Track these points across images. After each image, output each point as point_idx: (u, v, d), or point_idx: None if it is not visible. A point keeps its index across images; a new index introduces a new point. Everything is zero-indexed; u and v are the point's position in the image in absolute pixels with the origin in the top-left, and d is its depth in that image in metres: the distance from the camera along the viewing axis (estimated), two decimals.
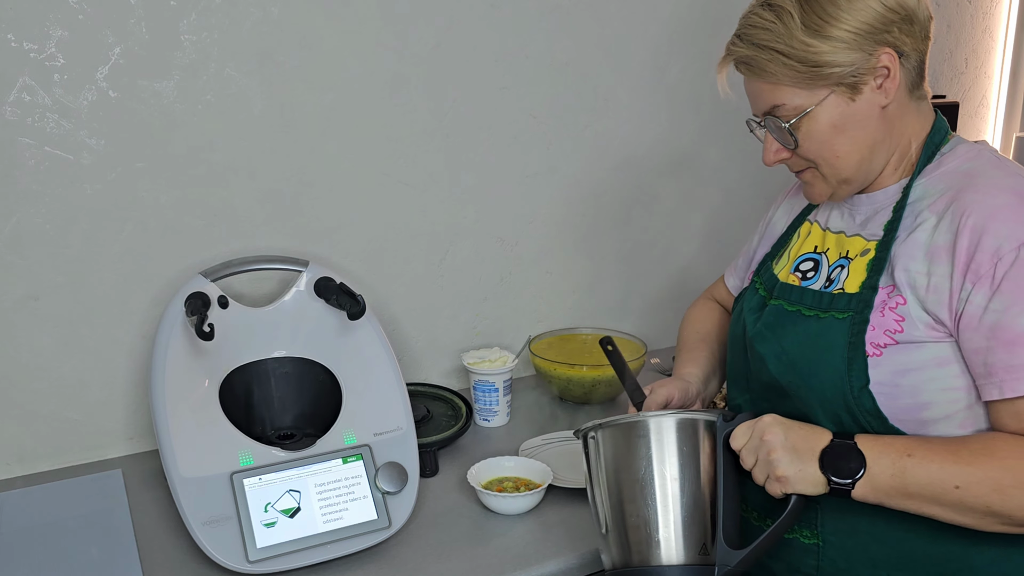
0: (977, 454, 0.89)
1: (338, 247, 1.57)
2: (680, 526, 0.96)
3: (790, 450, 0.94)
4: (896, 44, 0.95)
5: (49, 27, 1.28)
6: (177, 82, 1.38)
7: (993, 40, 2.31)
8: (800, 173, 1.06)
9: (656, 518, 0.97)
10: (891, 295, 0.96)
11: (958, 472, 0.89)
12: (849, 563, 1.01)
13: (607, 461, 1.01)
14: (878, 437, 0.94)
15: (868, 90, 0.96)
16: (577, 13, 1.68)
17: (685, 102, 1.86)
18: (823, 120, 0.98)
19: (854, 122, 0.97)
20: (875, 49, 0.94)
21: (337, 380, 1.32)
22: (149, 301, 1.44)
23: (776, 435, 0.94)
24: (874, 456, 0.91)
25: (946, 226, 0.94)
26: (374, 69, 1.52)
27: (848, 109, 0.97)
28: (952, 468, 0.89)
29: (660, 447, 0.97)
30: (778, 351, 1.04)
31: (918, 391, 0.95)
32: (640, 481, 0.98)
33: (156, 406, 1.20)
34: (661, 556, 0.96)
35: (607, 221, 1.84)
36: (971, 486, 0.88)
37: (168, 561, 1.17)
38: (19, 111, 1.30)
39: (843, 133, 0.98)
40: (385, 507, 1.20)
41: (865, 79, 0.95)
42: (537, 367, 1.67)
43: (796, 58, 0.95)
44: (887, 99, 0.97)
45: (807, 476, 0.93)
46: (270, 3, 1.42)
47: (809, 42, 0.94)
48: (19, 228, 1.34)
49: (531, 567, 1.15)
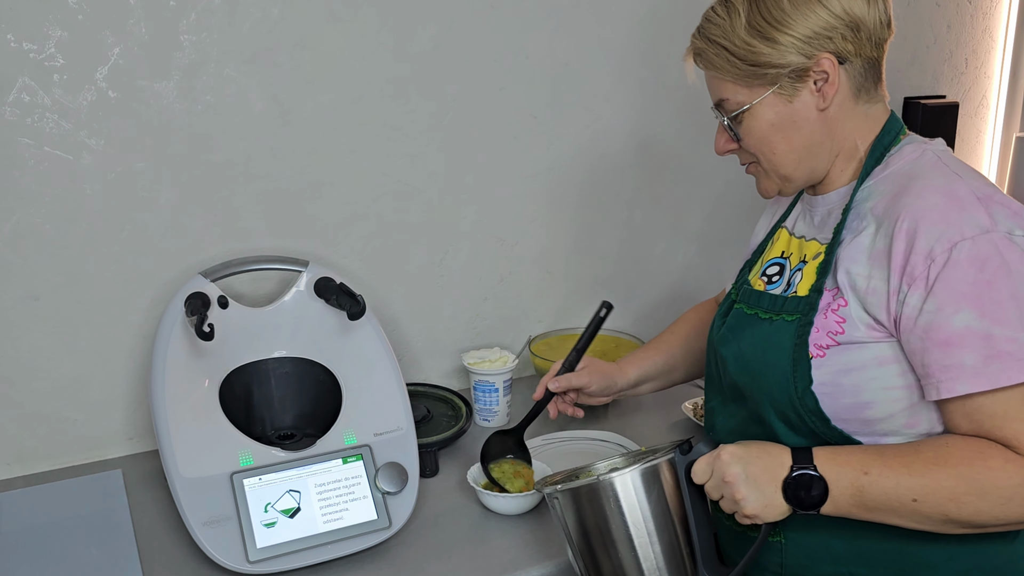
0: (931, 464, 0.90)
1: (338, 247, 1.57)
2: (658, 569, 0.98)
3: (753, 486, 0.94)
4: (838, 51, 0.97)
5: (48, 27, 1.29)
6: (177, 82, 1.38)
7: (993, 40, 2.31)
8: (748, 167, 1.09)
9: (632, 569, 0.98)
10: (835, 297, 0.98)
11: (914, 485, 0.90)
12: (811, 559, 1.03)
13: (574, 521, 1.01)
14: (835, 453, 0.94)
15: (806, 92, 0.98)
16: (577, 13, 1.68)
17: (685, 102, 1.86)
18: (761, 118, 1.00)
19: (791, 122, 1.00)
20: (815, 54, 0.96)
21: (337, 380, 1.32)
22: (149, 301, 1.44)
23: (736, 474, 0.94)
24: (833, 479, 0.92)
25: (884, 230, 0.95)
26: (374, 69, 1.52)
27: (785, 109, 0.99)
28: (907, 481, 0.90)
29: (626, 502, 0.97)
30: (736, 353, 1.06)
31: (859, 390, 0.96)
32: (611, 537, 0.98)
33: (156, 406, 1.20)
34: None
35: (607, 221, 1.84)
36: (927, 497, 0.89)
37: (168, 561, 1.17)
38: (19, 111, 1.30)
39: (780, 132, 1.00)
40: (385, 507, 1.20)
41: (803, 82, 0.98)
42: (537, 367, 1.67)
43: (738, 56, 0.99)
44: (825, 103, 0.98)
45: (773, 508, 0.94)
46: (270, 3, 1.42)
47: (750, 42, 0.97)
48: (19, 228, 1.34)
49: (531, 567, 1.15)
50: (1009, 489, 0.87)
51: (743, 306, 1.09)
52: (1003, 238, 0.89)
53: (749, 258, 1.21)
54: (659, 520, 0.97)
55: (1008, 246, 0.89)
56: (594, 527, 0.99)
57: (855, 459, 0.93)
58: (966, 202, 0.91)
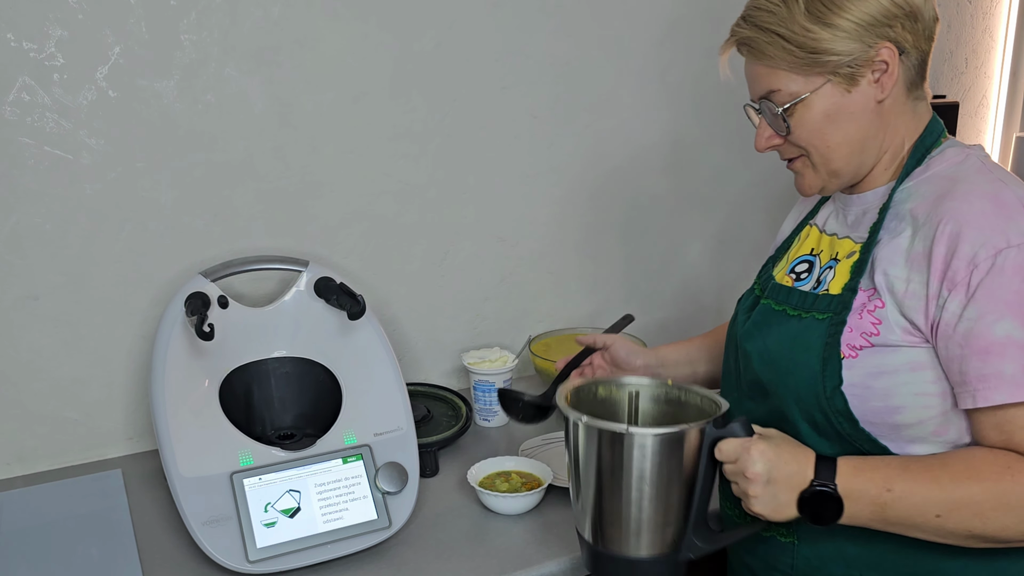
0: (959, 478, 0.88)
1: (338, 247, 1.57)
2: (652, 527, 0.98)
3: (770, 490, 0.93)
4: (897, 40, 0.94)
5: (49, 27, 1.28)
6: (177, 82, 1.38)
7: (993, 40, 2.31)
8: (791, 162, 1.05)
9: (630, 518, 0.98)
10: (871, 298, 0.96)
11: (939, 500, 0.88)
12: (822, 561, 1.02)
13: (586, 453, 0.99)
14: (860, 468, 0.92)
15: (865, 83, 0.96)
16: (577, 13, 1.68)
17: (686, 102, 1.86)
18: (817, 108, 0.97)
19: (847, 114, 0.97)
20: (876, 42, 0.94)
21: (337, 380, 1.32)
22: (149, 301, 1.44)
23: (758, 473, 0.92)
24: (854, 497, 0.90)
25: (925, 232, 0.93)
26: (374, 69, 1.52)
27: (843, 100, 0.97)
28: (933, 497, 0.88)
29: (641, 457, 0.95)
30: (761, 349, 1.05)
31: (890, 394, 0.94)
32: (619, 483, 0.97)
33: (156, 406, 1.20)
34: (630, 549, 0.98)
35: (607, 221, 1.84)
36: (952, 513, 0.88)
37: (168, 561, 1.17)
38: (19, 111, 1.30)
39: (835, 123, 0.98)
40: (385, 507, 1.20)
41: (863, 71, 0.95)
42: (537, 367, 1.67)
43: (795, 43, 0.95)
44: (883, 94, 0.96)
45: (783, 514, 0.93)
46: (270, 3, 1.41)
47: (810, 28, 0.94)
48: (19, 228, 1.34)
49: (531, 567, 1.15)
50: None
51: (770, 302, 1.07)
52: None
53: (773, 254, 1.19)
54: (668, 479, 0.96)
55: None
56: (607, 466, 0.97)
57: (880, 475, 0.90)
58: (1012, 209, 0.90)
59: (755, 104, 1.04)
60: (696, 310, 1.99)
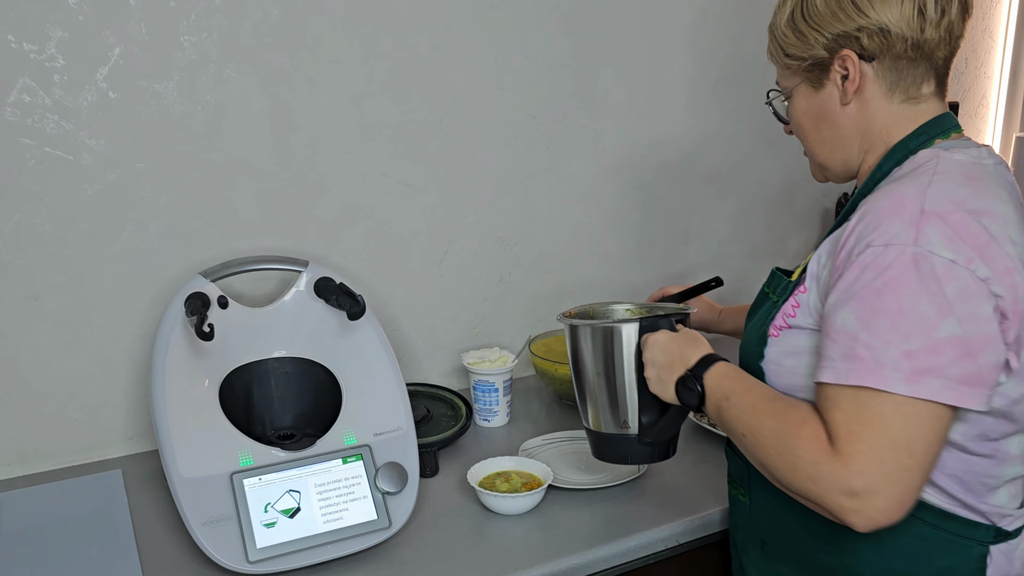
0: (769, 415, 0.97)
1: (338, 247, 1.57)
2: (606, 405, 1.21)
3: (656, 372, 1.11)
4: (863, 49, 1.01)
5: (49, 28, 1.29)
6: (177, 82, 1.38)
7: (993, 40, 2.31)
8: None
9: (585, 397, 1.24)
10: (802, 283, 1.03)
11: (748, 423, 0.99)
12: (770, 522, 1.11)
13: (569, 348, 1.26)
14: (726, 373, 1.05)
15: (831, 86, 1.04)
16: (577, 13, 1.69)
17: (685, 102, 1.86)
18: (798, 104, 1.09)
19: (820, 113, 1.07)
20: (838, 50, 1.02)
21: (337, 380, 1.32)
22: (149, 301, 1.44)
23: (650, 358, 1.12)
24: (708, 395, 1.05)
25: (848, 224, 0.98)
26: (374, 69, 1.52)
27: (815, 100, 1.06)
28: (745, 419, 0.99)
29: (591, 347, 1.20)
30: (747, 328, 1.14)
31: (795, 374, 1.01)
32: (579, 368, 1.23)
33: (156, 406, 1.20)
34: (590, 423, 1.24)
35: (607, 221, 1.84)
36: (752, 437, 0.98)
37: (168, 561, 1.17)
38: (19, 112, 1.30)
39: (812, 120, 1.08)
40: (385, 507, 1.20)
41: (827, 74, 1.04)
42: (537, 367, 1.67)
43: (777, 44, 1.08)
44: (846, 98, 1.03)
45: (667, 394, 1.11)
46: (270, 3, 1.42)
47: (786, 33, 1.06)
48: (19, 228, 1.34)
49: (531, 567, 1.15)
50: (800, 461, 0.91)
51: (766, 287, 1.14)
52: (921, 253, 0.88)
53: None
54: (608, 364, 1.18)
55: (922, 263, 0.87)
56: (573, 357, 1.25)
57: (729, 385, 1.03)
58: (906, 211, 0.91)
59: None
60: None
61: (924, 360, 0.86)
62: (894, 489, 0.86)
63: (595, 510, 1.28)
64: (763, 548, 1.14)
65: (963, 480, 0.98)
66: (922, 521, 0.98)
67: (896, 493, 0.87)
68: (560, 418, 1.62)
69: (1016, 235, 0.93)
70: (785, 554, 1.10)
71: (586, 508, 1.29)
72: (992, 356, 0.88)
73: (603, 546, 1.20)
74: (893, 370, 0.87)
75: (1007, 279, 0.89)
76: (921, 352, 0.86)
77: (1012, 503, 1.02)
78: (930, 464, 0.88)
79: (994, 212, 0.92)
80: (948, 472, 0.97)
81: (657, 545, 1.24)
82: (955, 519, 0.99)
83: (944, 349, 0.86)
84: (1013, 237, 0.92)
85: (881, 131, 1.04)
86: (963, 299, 0.87)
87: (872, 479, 0.86)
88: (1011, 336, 0.90)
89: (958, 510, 0.99)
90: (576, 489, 1.33)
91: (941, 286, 0.87)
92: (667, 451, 1.22)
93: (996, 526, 1.00)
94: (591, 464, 1.41)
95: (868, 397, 0.88)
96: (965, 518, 0.99)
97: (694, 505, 1.29)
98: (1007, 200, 0.96)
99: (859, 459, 0.87)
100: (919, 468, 0.87)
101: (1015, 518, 1.01)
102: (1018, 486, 1.03)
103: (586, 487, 1.33)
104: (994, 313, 0.89)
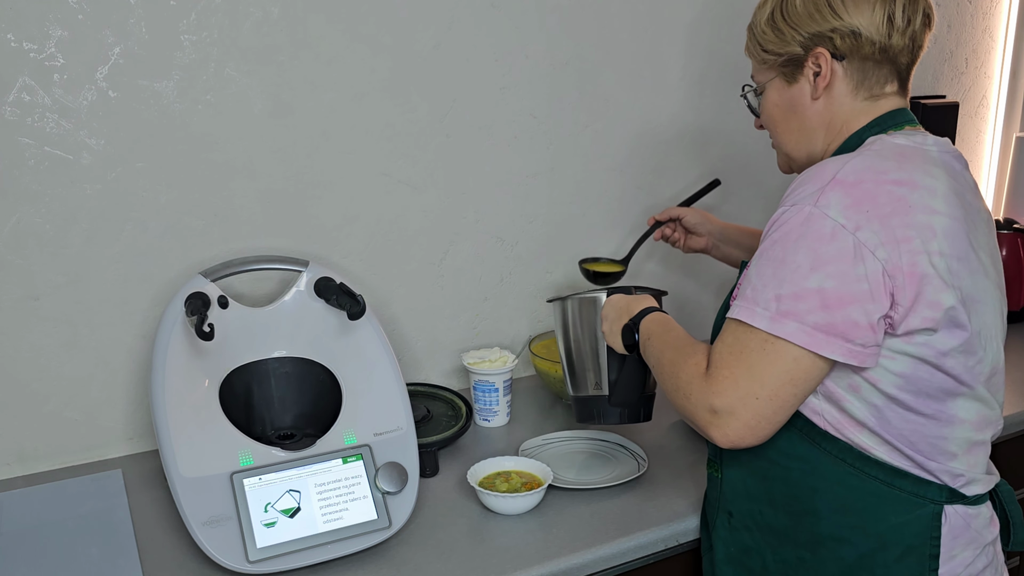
0: (671, 347, 1.12)
1: (338, 247, 1.57)
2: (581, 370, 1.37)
3: (608, 325, 1.28)
4: (836, 49, 1.08)
5: (49, 27, 1.29)
6: (177, 82, 1.38)
7: (993, 40, 2.31)
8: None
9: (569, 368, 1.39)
10: None
11: (657, 357, 1.14)
12: (735, 495, 1.17)
13: (556, 330, 1.42)
14: (656, 319, 1.20)
15: (804, 81, 1.12)
16: (577, 13, 1.68)
17: (685, 102, 1.86)
18: (770, 98, 1.17)
19: (790, 106, 1.15)
20: (813, 48, 1.09)
21: (337, 380, 1.32)
22: (149, 301, 1.44)
23: (605, 315, 1.29)
24: (641, 336, 1.21)
25: None
26: (374, 69, 1.52)
27: (786, 93, 1.14)
28: (657, 354, 1.15)
29: (568, 318, 1.38)
30: None
31: None
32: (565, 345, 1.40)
33: (156, 406, 1.20)
34: (571, 389, 1.40)
35: (607, 221, 1.84)
36: (657, 367, 1.14)
37: (168, 561, 1.17)
38: (19, 111, 1.30)
39: (783, 113, 1.16)
40: (385, 507, 1.20)
41: (800, 71, 1.12)
42: (537, 367, 1.67)
43: (757, 40, 1.15)
44: (816, 93, 1.11)
45: (616, 344, 1.27)
46: (270, 3, 1.42)
47: (765, 30, 1.14)
48: (19, 228, 1.34)
49: (531, 567, 1.15)
50: (680, 382, 1.06)
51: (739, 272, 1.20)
52: (815, 213, 0.97)
53: None
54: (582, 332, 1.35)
55: (814, 220, 0.97)
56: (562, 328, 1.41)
57: (655, 328, 1.19)
58: (820, 179, 1.00)
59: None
60: (698, 309, 1.99)
61: (788, 304, 0.97)
62: (744, 413, 0.99)
63: (595, 510, 1.28)
64: (730, 520, 1.18)
65: (910, 440, 1.04)
66: (874, 478, 1.04)
67: (745, 417, 0.99)
68: (560, 418, 1.62)
69: (941, 206, 1.00)
70: (749, 522, 1.15)
71: (586, 508, 1.29)
72: (854, 313, 0.96)
73: (603, 546, 1.20)
74: (763, 309, 0.99)
75: (903, 246, 0.97)
76: (788, 297, 0.97)
77: (972, 469, 1.07)
78: (782, 399, 0.99)
79: (916, 183, 1.00)
80: (894, 431, 1.03)
81: (657, 545, 1.24)
82: (906, 476, 1.04)
83: (807, 297, 0.96)
84: (936, 207, 1.00)
85: (842, 125, 1.12)
86: (837, 259, 0.96)
87: (728, 400, 1.00)
88: (909, 296, 0.97)
89: (910, 468, 1.04)
90: (576, 489, 1.33)
91: (821, 243, 0.96)
92: (637, 413, 1.33)
93: (949, 486, 1.05)
94: (591, 464, 1.41)
95: (743, 332, 1.00)
96: (916, 475, 1.05)
97: (693, 505, 1.29)
98: (938, 176, 1.03)
99: (721, 382, 1.00)
100: (769, 399, 0.99)
101: (970, 481, 1.06)
102: (977, 453, 1.08)
103: (586, 487, 1.33)
104: (875, 276, 0.96)
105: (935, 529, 1.04)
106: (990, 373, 1.06)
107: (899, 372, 1.01)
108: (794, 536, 1.10)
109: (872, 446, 1.04)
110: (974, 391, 1.04)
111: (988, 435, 1.09)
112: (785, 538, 1.11)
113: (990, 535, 1.09)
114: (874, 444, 1.04)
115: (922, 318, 0.98)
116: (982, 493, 1.08)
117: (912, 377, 1.01)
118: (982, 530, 1.08)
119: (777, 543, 1.12)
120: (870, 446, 1.04)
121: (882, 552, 1.05)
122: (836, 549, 1.07)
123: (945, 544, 1.05)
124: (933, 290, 0.98)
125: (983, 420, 1.07)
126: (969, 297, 1.01)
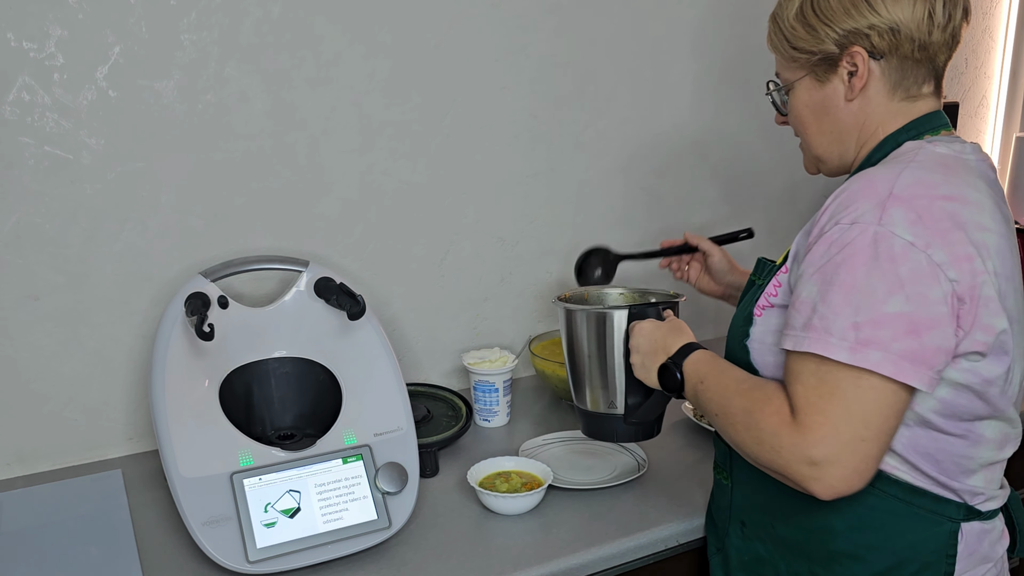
0: (738, 394, 1.01)
1: (338, 247, 1.57)
2: (593, 386, 1.28)
3: (640, 358, 1.17)
4: (873, 47, 1.02)
5: (49, 26, 1.28)
6: (177, 82, 1.38)
7: (993, 40, 2.31)
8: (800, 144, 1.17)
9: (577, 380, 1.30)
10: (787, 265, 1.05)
11: (720, 404, 1.03)
12: (747, 503, 1.15)
13: (561, 332, 1.32)
14: (701, 359, 1.09)
15: (837, 81, 1.06)
16: (577, 13, 1.68)
17: (686, 102, 1.86)
18: (799, 97, 1.10)
19: (822, 107, 1.08)
20: (849, 46, 1.03)
21: (337, 380, 1.32)
22: (149, 301, 1.44)
23: (636, 345, 1.18)
24: (687, 379, 1.10)
25: None
26: (374, 69, 1.52)
27: (818, 94, 1.08)
28: (718, 400, 1.04)
29: (582, 330, 1.27)
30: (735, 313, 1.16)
31: (779, 352, 1.03)
32: (573, 349, 1.30)
33: (156, 406, 1.20)
34: (579, 403, 1.31)
35: (607, 221, 1.84)
36: (723, 417, 1.03)
37: (168, 561, 1.17)
38: (19, 110, 1.30)
39: (813, 113, 1.09)
40: (385, 507, 1.20)
41: (835, 70, 1.05)
42: (537, 367, 1.67)
43: (786, 36, 1.08)
44: (852, 94, 1.05)
45: (650, 380, 1.17)
46: (270, 3, 1.41)
47: (795, 26, 1.06)
48: (19, 228, 1.34)
49: (531, 567, 1.15)
50: (764, 434, 0.95)
51: (752, 274, 1.16)
52: (882, 233, 0.91)
53: None
54: (600, 346, 1.25)
55: (881, 241, 0.90)
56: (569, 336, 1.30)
57: (704, 370, 1.08)
58: (875, 194, 0.93)
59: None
60: (697, 311, 1.99)
61: (868, 332, 0.89)
62: (851, 459, 0.90)
63: (595, 510, 1.28)
64: (742, 529, 1.16)
65: (936, 459, 1.00)
66: (892, 496, 1.01)
67: (853, 463, 0.90)
68: (560, 418, 1.62)
69: (989, 222, 0.95)
70: (762, 533, 1.13)
71: (586, 508, 1.29)
72: (937, 338, 0.90)
73: (603, 546, 1.20)
74: (840, 339, 0.90)
75: (966, 265, 0.91)
76: (867, 324, 0.89)
77: (990, 486, 1.04)
78: (886, 436, 0.92)
79: (966, 199, 0.95)
80: (921, 451, 0.99)
81: (657, 545, 1.24)
82: (925, 495, 1.01)
83: (889, 323, 0.89)
84: (985, 223, 0.95)
85: (877, 127, 1.07)
86: (915, 280, 0.89)
87: (830, 449, 0.90)
88: (970, 320, 0.92)
89: (929, 486, 1.01)
90: (576, 489, 1.33)
91: (895, 265, 0.90)
92: (651, 431, 1.29)
93: (967, 504, 1.03)
94: (591, 464, 1.41)
95: (827, 372, 0.91)
96: (935, 494, 1.01)
97: (694, 505, 1.29)
98: (983, 189, 0.98)
99: (817, 430, 0.90)
100: (875, 439, 0.91)
101: (988, 498, 1.04)
102: (995, 471, 1.06)
103: (586, 487, 1.33)
104: (948, 298, 0.90)
105: (951, 548, 1.02)
106: (1019, 394, 1.03)
107: (939, 397, 0.96)
108: (808, 551, 1.08)
109: (895, 466, 1.00)
110: (1005, 414, 1.01)
111: (1008, 453, 1.06)
112: (799, 552, 1.09)
113: (1001, 549, 1.08)
114: (897, 464, 1.00)
115: (974, 341, 0.93)
116: (996, 508, 1.06)
117: (952, 403, 0.97)
118: (995, 545, 1.06)
119: (791, 556, 1.10)
120: (893, 466, 1.00)
121: (898, 570, 1.02)
122: (851, 566, 1.04)
123: (960, 562, 1.02)
124: (988, 313, 0.93)
125: (1005, 438, 1.04)
126: (1013, 319, 0.97)
